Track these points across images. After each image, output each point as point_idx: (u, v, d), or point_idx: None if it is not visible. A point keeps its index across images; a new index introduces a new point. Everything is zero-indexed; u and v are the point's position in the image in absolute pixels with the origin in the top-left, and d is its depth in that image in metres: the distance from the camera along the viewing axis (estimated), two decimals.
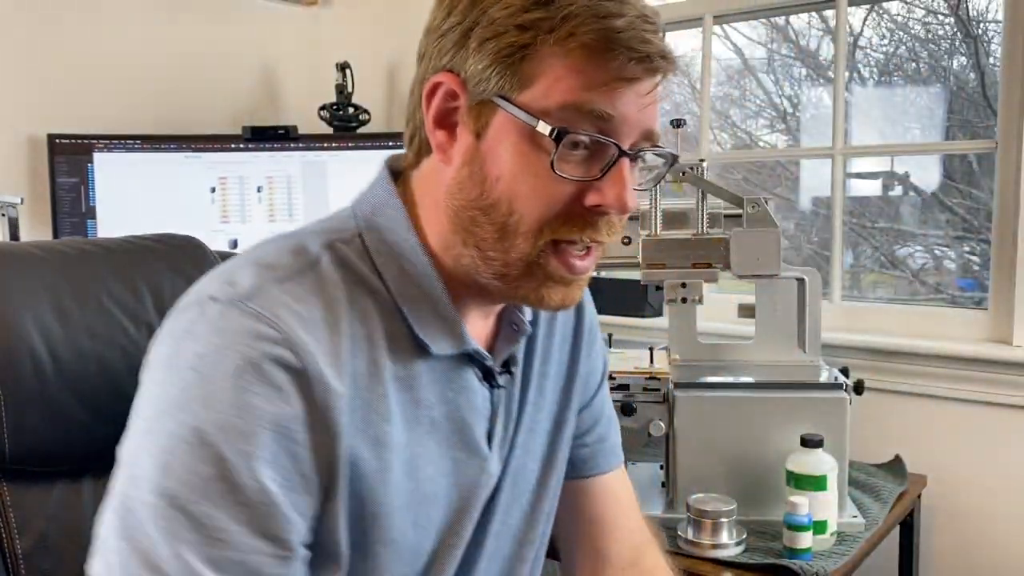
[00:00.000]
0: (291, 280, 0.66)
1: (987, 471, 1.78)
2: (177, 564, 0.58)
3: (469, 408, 0.74)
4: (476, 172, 0.67)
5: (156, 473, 0.60)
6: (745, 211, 1.44)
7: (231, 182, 2.16)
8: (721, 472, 1.44)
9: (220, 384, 0.60)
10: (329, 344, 0.65)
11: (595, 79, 0.63)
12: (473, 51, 0.65)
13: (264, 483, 0.61)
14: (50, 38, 2.04)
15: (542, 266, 0.68)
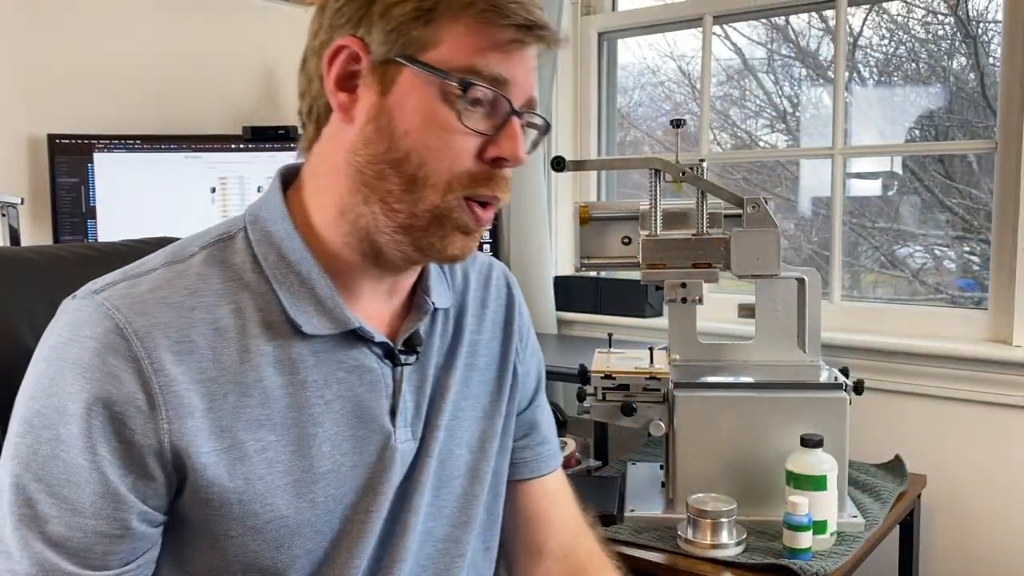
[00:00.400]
0: (152, 272, 0.73)
1: (987, 471, 1.79)
2: (15, 540, 0.65)
3: (366, 385, 0.77)
4: (383, 127, 0.71)
5: (9, 455, 0.67)
6: (745, 211, 1.44)
7: (231, 182, 2.16)
8: (721, 472, 1.44)
9: (63, 372, 0.66)
10: (178, 332, 0.69)
11: (491, 43, 0.70)
12: (378, 16, 0.71)
13: (99, 465, 0.66)
14: (50, 38, 2.04)
15: (452, 217, 0.72)
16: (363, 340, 0.77)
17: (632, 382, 1.46)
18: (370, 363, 0.77)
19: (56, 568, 0.65)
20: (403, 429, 0.79)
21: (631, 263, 1.58)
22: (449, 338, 0.86)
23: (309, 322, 0.73)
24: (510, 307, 0.93)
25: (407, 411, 0.80)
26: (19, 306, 0.88)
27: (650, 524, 1.45)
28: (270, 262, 0.74)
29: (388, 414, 0.78)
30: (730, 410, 1.44)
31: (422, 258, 0.76)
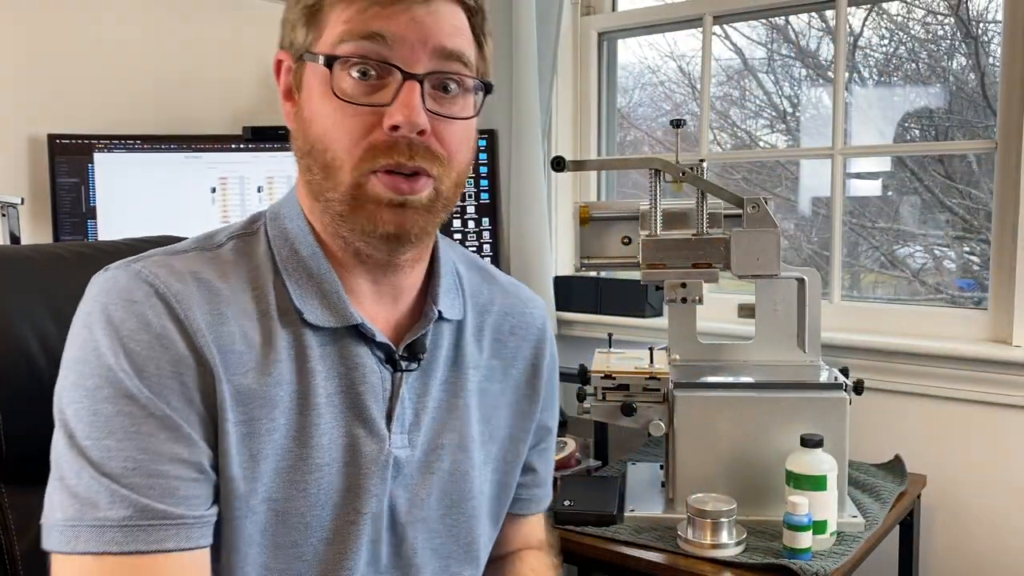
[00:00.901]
0: (184, 254, 0.76)
1: (987, 471, 1.79)
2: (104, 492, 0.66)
3: (363, 385, 0.77)
4: (300, 124, 0.76)
5: (71, 420, 0.68)
6: (745, 211, 1.44)
7: (231, 182, 2.16)
8: (721, 472, 1.44)
9: (106, 334, 0.68)
10: (210, 305, 0.72)
11: (362, 7, 0.71)
12: (290, 24, 0.76)
13: (166, 412, 0.68)
14: (50, 38, 2.04)
15: (368, 192, 0.72)
16: (365, 339, 0.78)
17: (632, 382, 1.46)
18: (371, 364, 0.78)
19: (148, 508, 0.66)
20: (399, 435, 0.79)
21: (631, 263, 1.58)
22: (460, 352, 0.85)
23: (312, 312, 0.75)
24: (541, 344, 0.94)
25: (404, 418, 0.80)
26: (19, 305, 0.88)
27: (650, 524, 1.45)
28: (283, 256, 0.77)
29: (384, 418, 0.78)
30: (730, 410, 1.44)
31: (370, 242, 0.76)
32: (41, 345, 0.87)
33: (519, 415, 0.91)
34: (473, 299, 0.88)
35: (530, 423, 0.93)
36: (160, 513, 0.66)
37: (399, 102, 0.71)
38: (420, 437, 0.81)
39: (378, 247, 0.76)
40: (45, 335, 0.88)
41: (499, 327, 0.90)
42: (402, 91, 0.71)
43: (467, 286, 0.88)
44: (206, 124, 2.30)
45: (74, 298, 0.91)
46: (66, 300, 0.90)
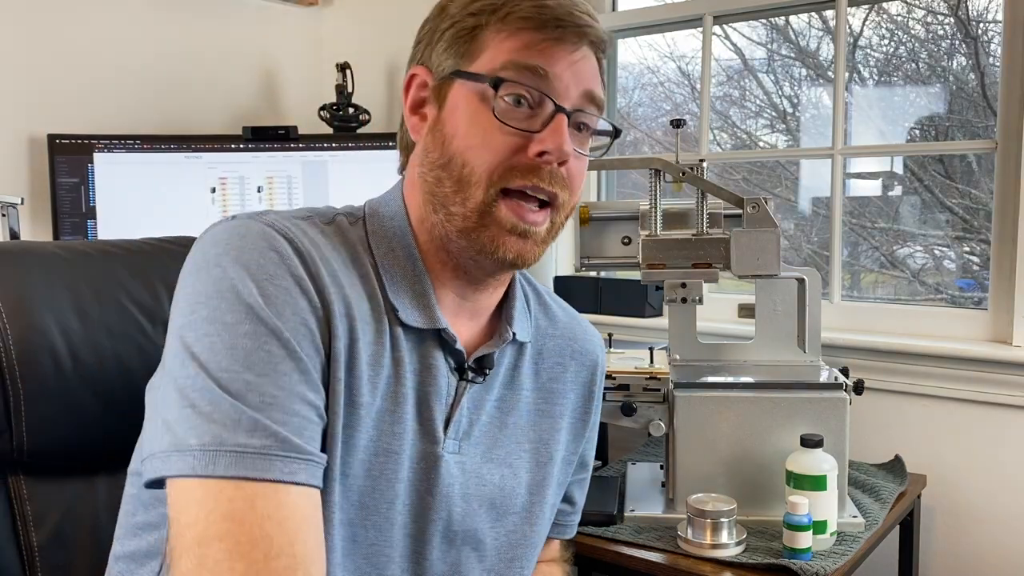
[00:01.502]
0: (305, 220, 0.78)
1: (987, 471, 1.79)
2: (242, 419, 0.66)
3: (432, 386, 0.80)
4: (437, 136, 0.78)
5: (205, 352, 0.67)
6: (745, 211, 1.44)
7: (231, 182, 2.16)
8: (721, 472, 1.44)
9: (246, 274, 0.69)
10: (330, 268, 0.74)
11: (530, 41, 0.75)
12: (436, 42, 0.79)
13: (301, 355, 0.69)
14: (50, 38, 2.04)
15: (494, 215, 0.76)
16: (443, 345, 0.80)
17: (632, 382, 1.46)
18: (442, 368, 0.81)
19: (288, 440, 0.67)
20: (452, 440, 0.81)
21: (631, 263, 1.58)
22: (518, 373, 0.88)
23: (405, 310, 0.78)
24: (596, 373, 0.97)
25: (460, 426, 0.82)
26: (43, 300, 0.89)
27: (650, 524, 1.45)
28: (380, 252, 0.80)
29: (443, 422, 0.81)
30: (730, 410, 1.44)
31: (485, 261, 0.79)
32: (64, 340, 0.89)
33: (572, 439, 0.95)
34: (536, 322, 0.92)
35: (579, 448, 0.96)
36: (295, 447, 0.67)
37: (550, 130, 0.75)
38: (471, 447, 0.83)
39: (488, 267, 0.80)
40: (69, 331, 0.89)
41: (561, 352, 0.93)
42: (554, 121, 0.76)
43: (532, 309, 0.92)
44: (206, 124, 2.30)
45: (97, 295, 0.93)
46: (91, 298, 0.92)
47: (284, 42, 2.52)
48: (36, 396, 0.86)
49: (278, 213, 0.77)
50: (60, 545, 0.89)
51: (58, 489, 0.73)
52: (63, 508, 0.90)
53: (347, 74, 2.38)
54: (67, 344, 0.88)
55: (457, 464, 0.82)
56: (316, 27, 2.60)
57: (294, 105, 2.54)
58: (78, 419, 0.90)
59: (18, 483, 0.88)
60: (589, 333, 0.98)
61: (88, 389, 0.90)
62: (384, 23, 2.58)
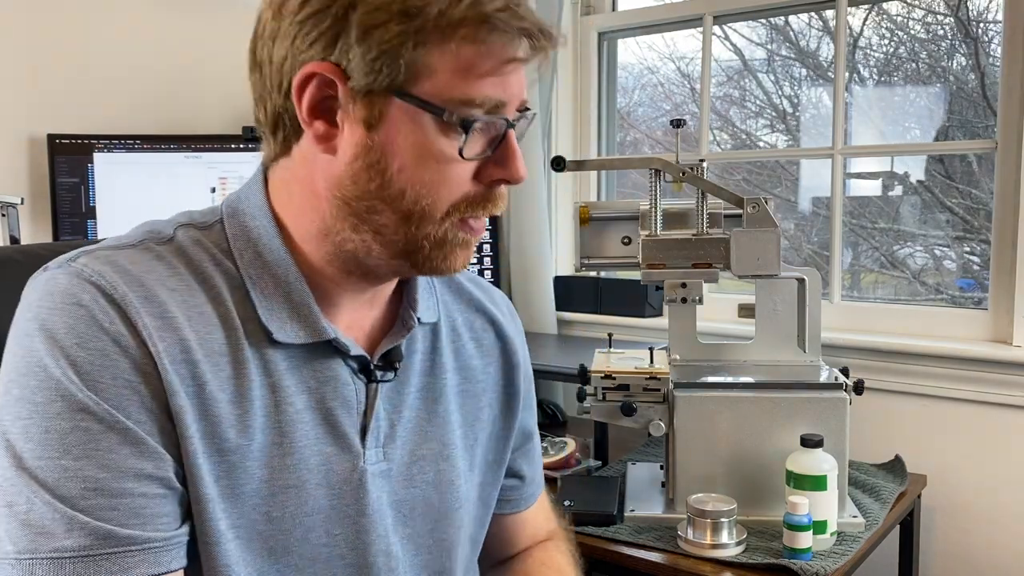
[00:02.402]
0: (131, 248, 0.69)
1: (987, 471, 1.78)
2: (59, 520, 0.60)
3: (336, 399, 0.72)
4: (374, 164, 0.67)
5: (19, 439, 0.61)
6: (745, 211, 1.44)
7: (231, 182, 2.16)
8: (721, 472, 1.44)
9: (52, 344, 0.62)
10: (160, 308, 0.65)
11: (486, 66, 0.65)
12: (356, 41, 0.64)
13: (127, 425, 0.62)
14: (50, 38, 2.04)
15: (448, 238, 0.70)
16: (338, 351, 0.73)
17: (632, 382, 1.46)
18: (344, 376, 0.73)
19: (111, 535, 0.61)
20: (374, 450, 0.74)
21: (631, 263, 1.58)
22: (437, 356, 0.81)
23: (282, 328, 0.70)
24: (516, 340, 0.90)
25: (379, 431, 0.75)
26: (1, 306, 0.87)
27: (650, 524, 1.45)
28: (246, 259, 0.70)
29: (359, 432, 0.74)
30: (730, 410, 1.44)
31: (419, 274, 0.74)
32: None
33: (502, 415, 0.88)
34: (441, 298, 0.84)
35: (513, 421, 0.89)
36: (124, 539, 0.61)
37: (506, 156, 0.69)
38: (397, 450, 0.76)
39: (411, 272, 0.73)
40: None
41: (472, 325, 0.86)
42: (505, 143, 0.69)
43: (437, 285, 0.85)
44: (206, 124, 2.30)
45: None
46: None
47: None
48: None
49: (95, 250, 0.68)
50: None
51: None
52: None
53: None
54: None
55: (384, 474, 0.75)
56: None
57: None
58: None
59: None
60: (495, 297, 0.91)
61: None
62: None
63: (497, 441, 0.88)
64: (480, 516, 0.87)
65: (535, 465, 0.97)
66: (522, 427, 0.92)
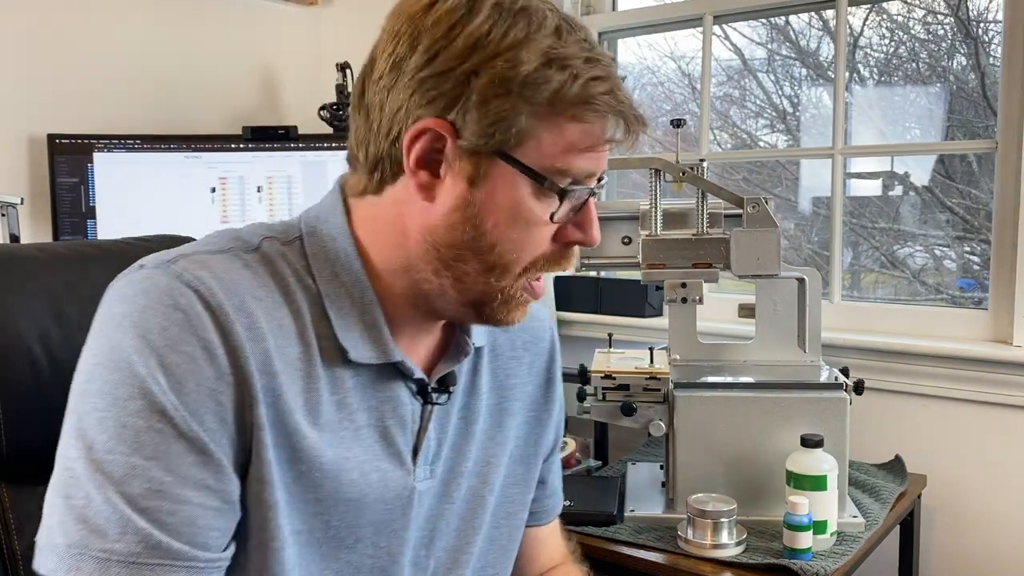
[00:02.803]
0: (223, 253, 0.70)
1: (987, 471, 1.78)
2: (114, 518, 0.61)
3: (394, 419, 0.75)
4: (471, 218, 0.70)
5: (92, 429, 0.63)
6: (745, 211, 1.44)
7: (231, 182, 2.16)
8: (721, 472, 1.44)
9: (143, 342, 0.63)
10: (249, 318, 0.67)
11: (583, 142, 0.70)
12: (475, 105, 0.67)
13: (199, 435, 0.64)
14: (50, 38, 2.04)
15: (517, 296, 0.74)
16: (401, 373, 0.76)
17: (632, 382, 1.46)
18: (403, 397, 0.76)
19: (160, 545, 0.62)
20: (423, 467, 0.78)
21: (631, 263, 1.58)
22: (477, 377, 0.85)
23: (355, 348, 0.72)
24: (552, 356, 0.94)
25: (429, 450, 0.78)
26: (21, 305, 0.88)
27: (650, 524, 1.45)
28: (324, 277, 0.73)
29: (411, 451, 0.77)
30: (730, 410, 1.44)
31: (477, 323, 0.77)
32: (43, 345, 0.87)
33: (536, 430, 0.91)
34: None
35: (546, 435, 0.93)
36: (172, 552, 0.62)
37: (585, 221, 0.74)
38: (440, 467, 0.79)
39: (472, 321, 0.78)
40: (47, 335, 0.87)
41: (513, 344, 0.90)
42: (586, 209, 0.74)
43: None
44: (206, 124, 2.30)
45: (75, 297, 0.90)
46: (68, 300, 0.90)
47: (284, 42, 2.52)
48: (15, 402, 0.85)
49: (192, 253, 0.69)
50: None
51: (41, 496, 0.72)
52: None
53: (347, 74, 2.38)
54: (45, 348, 0.86)
55: (429, 491, 0.78)
56: (316, 27, 2.60)
57: (294, 105, 2.54)
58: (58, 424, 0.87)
59: None
60: (537, 316, 0.93)
61: (68, 392, 0.88)
62: None
63: (531, 458, 0.91)
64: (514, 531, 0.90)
65: (557, 475, 1.00)
66: (548, 445, 0.95)
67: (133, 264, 0.70)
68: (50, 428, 0.88)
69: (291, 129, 2.21)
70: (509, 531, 0.89)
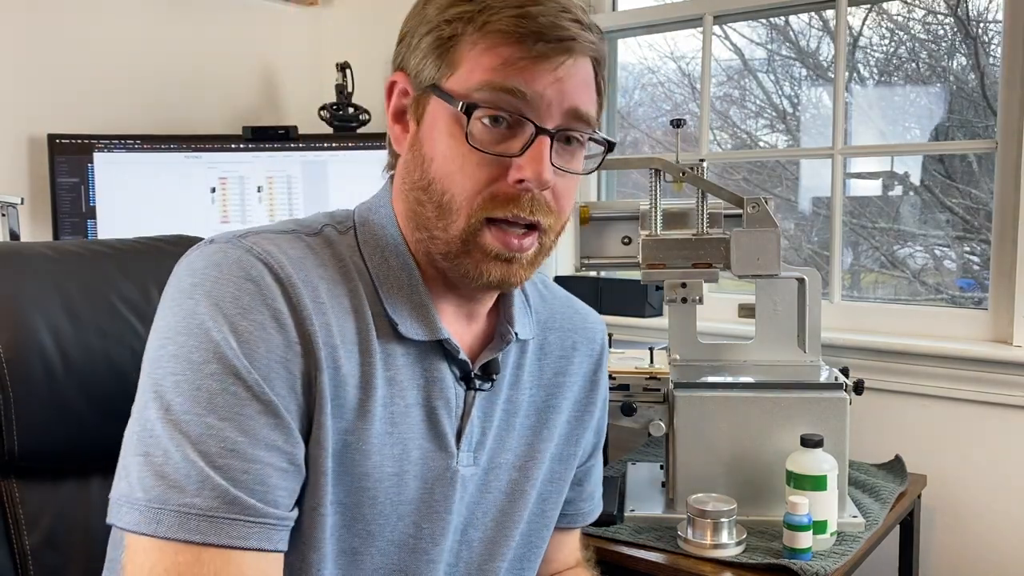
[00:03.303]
0: (289, 234, 0.75)
1: (987, 471, 1.79)
2: (193, 474, 0.63)
3: (440, 399, 0.78)
4: (416, 155, 0.75)
5: (169, 392, 0.65)
6: (745, 211, 1.44)
7: (231, 182, 2.16)
8: (721, 472, 1.44)
9: (216, 310, 0.67)
10: (314, 292, 0.71)
11: (508, 58, 0.70)
12: (414, 48, 0.74)
13: (270, 398, 0.67)
14: (50, 38, 2.04)
15: (478, 242, 0.73)
16: (446, 355, 0.78)
17: (632, 382, 1.46)
18: (448, 379, 0.78)
19: (236, 500, 0.64)
20: (467, 453, 0.80)
21: (631, 263, 1.58)
22: (520, 372, 0.86)
23: (404, 323, 0.75)
24: (601, 358, 0.96)
25: (472, 436, 0.80)
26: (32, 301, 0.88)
27: (650, 524, 1.45)
28: (375, 263, 0.77)
29: (455, 435, 0.79)
30: (730, 410, 1.44)
31: (468, 283, 0.77)
32: (55, 341, 0.88)
33: (577, 430, 0.93)
34: (537, 316, 0.89)
35: (586, 436, 0.94)
36: (247, 508, 0.64)
37: (530, 157, 0.71)
38: (484, 456, 0.81)
39: (473, 289, 0.78)
40: (59, 331, 0.88)
41: (563, 344, 0.91)
42: (533, 145, 0.71)
43: (533, 302, 0.90)
44: (206, 124, 2.30)
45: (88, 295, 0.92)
46: (80, 298, 0.91)
47: (284, 42, 2.52)
48: (27, 399, 0.86)
49: (260, 232, 0.74)
50: (53, 548, 0.88)
51: (51, 492, 0.72)
52: (56, 511, 0.89)
53: (347, 74, 2.38)
54: (58, 346, 0.88)
55: (472, 477, 0.80)
56: (316, 27, 2.60)
57: (294, 105, 2.54)
58: (70, 421, 0.89)
59: (10, 487, 0.88)
60: (591, 320, 0.96)
61: (80, 390, 0.89)
62: (384, 23, 2.57)
63: (569, 457, 0.92)
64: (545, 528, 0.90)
65: (596, 478, 1.01)
66: (587, 447, 0.97)
67: (201, 241, 0.74)
68: (62, 425, 0.89)
69: (291, 129, 2.21)
70: (541, 528, 0.90)
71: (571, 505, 0.97)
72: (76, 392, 0.89)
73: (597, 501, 1.02)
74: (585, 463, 0.97)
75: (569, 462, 0.92)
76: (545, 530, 0.91)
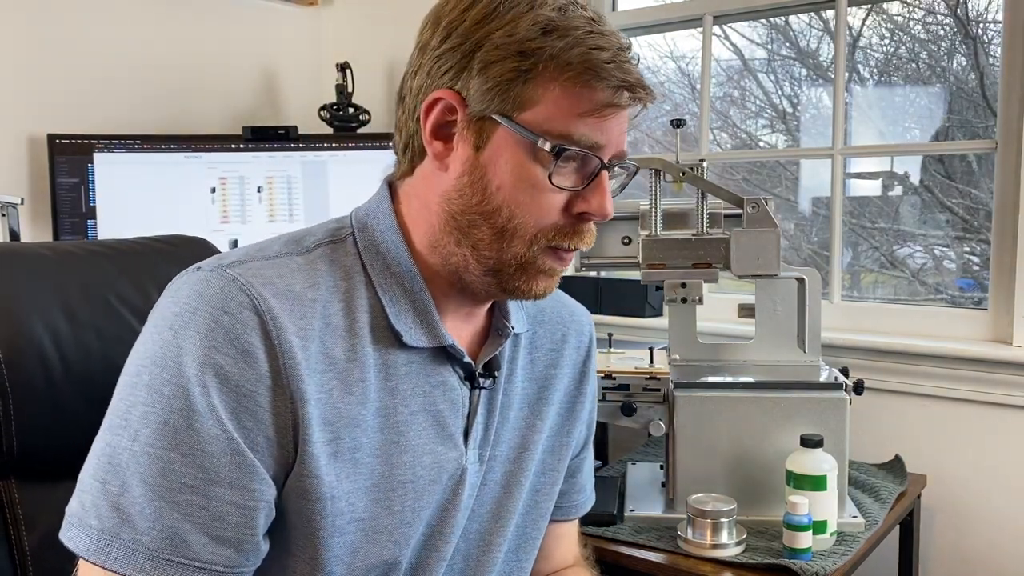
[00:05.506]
0: (277, 258, 0.74)
1: (987, 471, 1.79)
2: (147, 510, 0.65)
3: (445, 402, 0.79)
4: (477, 181, 0.74)
5: (136, 421, 0.66)
6: (745, 211, 1.44)
7: (231, 182, 2.16)
8: (721, 472, 1.44)
9: (194, 342, 0.67)
10: (301, 320, 0.71)
11: (587, 107, 0.72)
12: (477, 72, 0.72)
13: (233, 436, 0.67)
14: (50, 38, 2.04)
15: (536, 264, 0.75)
16: (450, 358, 0.79)
17: (632, 382, 1.46)
18: (452, 382, 0.79)
19: (186, 543, 0.65)
20: (473, 451, 0.81)
21: (631, 263, 1.58)
22: (514, 365, 0.87)
23: (408, 332, 0.76)
24: (590, 351, 0.96)
25: (477, 434, 0.82)
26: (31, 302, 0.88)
27: (650, 524, 1.45)
28: (376, 270, 0.77)
29: (462, 435, 0.80)
30: (730, 410, 1.44)
31: (506, 297, 0.79)
32: (53, 342, 0.88)
33: (568, 421, 0.93)
34: (526, 309, 0.91)
35: (577, 427, 0.95)
36: (194, 553, 0.65)
37: (595, 192, 0.74)
38: (487, 451, 0.83)
39: (504, 298, 0.80)
40: (57, 332, 0.88)
41: (552, 337, 0.92)
42: (597, 181, 0.74)
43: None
44: (206, 124, 2.30)
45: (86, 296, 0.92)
46: (79, 299, 0.91)
47: (284, 42, 2.52)
48: (26, 399, 0.86)
49: (248, 256, 0.74)
50: (52, 548, 0.88)
51: (49, 492, 0.72)
52: (54, 510, 0.88)
53: (347, 74, 2.38)
54: (56, 346, 0.88)
55: (476, 473, 0.82)
56: (316, 27, 2.61)
57: (294, 105, 2.54)
58: (68, 421, 0.89)
59: (9, 486, 0.88)
60: (578, 313, 0.97)
61: (78, 390, 0.89)
62: (384, 23, 2.58)
63: (561, 448, 0.93)
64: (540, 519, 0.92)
65: (587, 473, 1.02)
66: (579, 439, 0.97)
67: (191, 266, 0.74)
68: (60, 426, 0.89)
69: (291, 129, 2.21)
70: (536, 520, 0.91)
71: (565, 497, 0.98)
72: (75, 392, 0.89)
73: (589, 493, 1.04)
74: (578, 455, 0.98)
75: (561, 453, 0.93)
76: (540, 521, 0.92)
